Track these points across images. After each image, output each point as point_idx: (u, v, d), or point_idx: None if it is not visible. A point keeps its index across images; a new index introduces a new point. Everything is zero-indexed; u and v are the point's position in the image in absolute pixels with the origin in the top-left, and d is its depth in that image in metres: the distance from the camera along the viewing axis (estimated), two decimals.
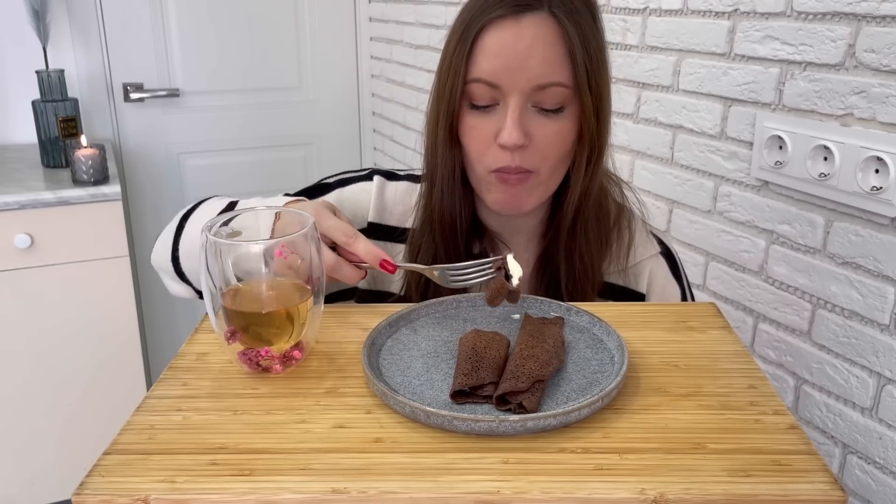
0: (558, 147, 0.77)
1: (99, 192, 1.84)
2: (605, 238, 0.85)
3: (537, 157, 0.76)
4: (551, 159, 0.77)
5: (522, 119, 0.74)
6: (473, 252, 0.86)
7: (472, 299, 0.72)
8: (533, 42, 0.72)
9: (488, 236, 0.87)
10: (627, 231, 0.87)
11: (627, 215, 0.87)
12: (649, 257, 0.87)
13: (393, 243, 0.89)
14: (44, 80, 2.00)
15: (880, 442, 1.03)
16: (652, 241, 0.89)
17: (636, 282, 0.87)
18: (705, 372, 0.60)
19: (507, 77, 0.73)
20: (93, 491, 0.46)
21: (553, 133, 0.76)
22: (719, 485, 0.46)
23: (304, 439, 0.51)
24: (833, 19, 1.02)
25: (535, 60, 0.73)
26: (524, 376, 0.55)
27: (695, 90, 1.27)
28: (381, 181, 0.90)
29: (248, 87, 2.53)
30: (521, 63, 0.73)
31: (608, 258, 0.86)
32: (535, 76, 0.73)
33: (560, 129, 0.76)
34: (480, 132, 0.77)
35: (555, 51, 0.73)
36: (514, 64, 0.73)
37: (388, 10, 2.45)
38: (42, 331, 1.87)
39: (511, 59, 0.73)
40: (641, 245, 0.87)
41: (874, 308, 1.01)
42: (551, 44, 0.73)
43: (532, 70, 0.73)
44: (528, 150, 0.76)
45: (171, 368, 0.62)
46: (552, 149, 0.76)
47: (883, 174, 0.96)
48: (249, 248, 0.61)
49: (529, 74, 0.73)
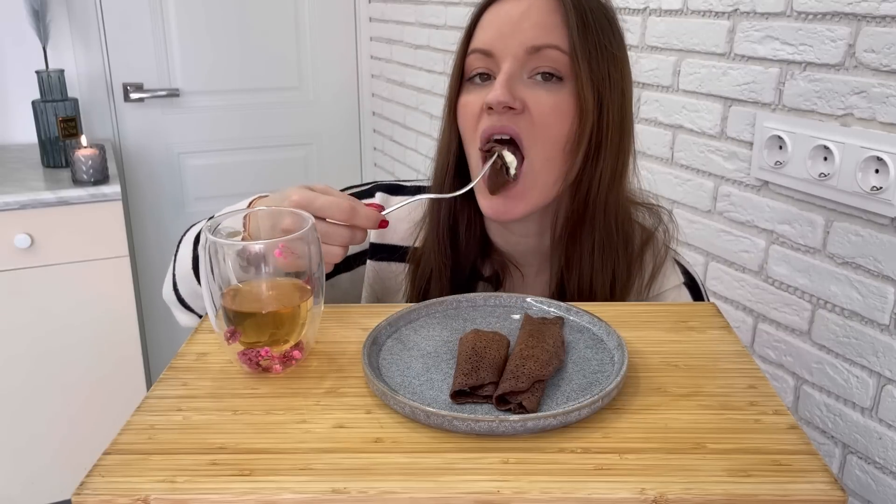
0: (554, 125, 0.72)
1: (99, 192, 1.84)
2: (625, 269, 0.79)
3: (530, 128, 0.72)
4: (545, 140, 0.72)
5: (513, 82, 0.71)
6: (484, 275, 0.83)
7: (472, 299, 0.72)
8: (528, 8, 0.72)
9: (499, 258, 0.82)
10: (653, 260, 0.81)
11: (654, 244, 0.82)
12: (672, 288, 0.82)
13: (397, 263, 0.85)
14: (44, 80, 2.00)
15: (880, 442, 1.03)
16: (676, 270, 0.83)
17: None
18: (705, 372, 0.60)
19: (500, 43, 0.72)
20: (93, 491, 0.46)
21: (549, 106, 0.71)
22: (719, 485, 0.46)
23: (304, 439, 0.51)
24: (833, 19, 1.02)
25: (528, 24, 0.72)
26: (524, 376, 0.55)
27: (695, 90, 1.27)
28: (383, 198, 0.86)
29: (249, 87, 2.53)
30: (513, 28, 0.72)
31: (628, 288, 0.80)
32: (528, 38, 0.71)
33: (557, 105, 0.72)
34: (472, 107, 0.74)
35: (551, 18, 0.72)
36: (508, 29, 0.72)
37: (388, 10, 2.45)
38: (42, 331, 1.87)
39: (505, 25, 0.72)
40: (664, 275, 0.81)
41: (874, 308, 1.01)
42: (547, 11, 0.72)
43: (525, 33, 0.71)
44: (521, 116, 0.72)
45: (171, 368, 0.62)
46: (546, 125, 0.72)
47: (883, 174, 0.96)
48: (250, 247, 0.61)
49: (522, 38, 0.71)
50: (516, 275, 0.83)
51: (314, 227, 0.61)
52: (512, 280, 0.83)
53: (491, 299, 0.72)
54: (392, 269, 0.86)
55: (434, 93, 2.18)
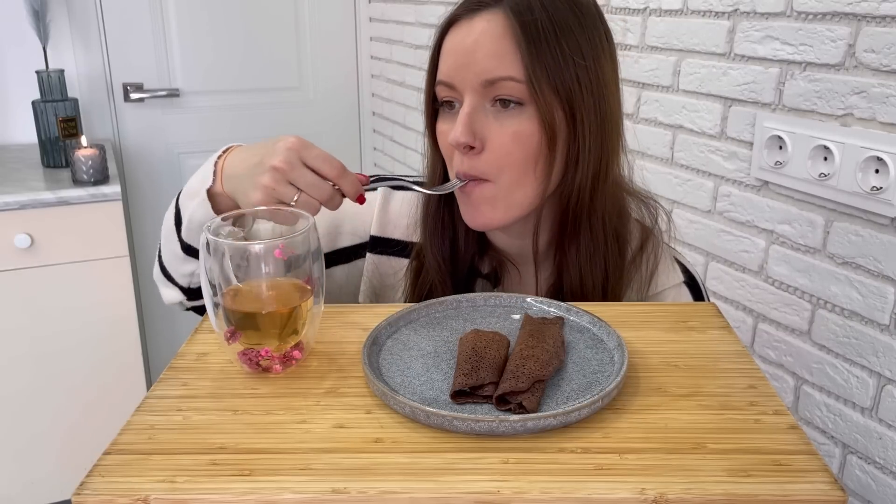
0: (516, 151, 0.71)
1: (99, 192, 1.84)
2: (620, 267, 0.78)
3: (491, 164, 0.72)
4: (510, 166, 0.72)
5: (475, 118, 0.72)
6: (483, 272, 0.83)
7: (472, 299, 0.72)
8: (480, 37, 0.71)
9: (496, 256, 0.83)
10: (652, 258, 0.80)
11: (653, 242, 0.81)
12: (672, 286, 0.81)
13: (397, 258, 0.86)
14: (44, 80, 2.00)
15: (880, 442, 1.03)
16: (676, 269, 0.82)
17: None
18: (705, 372, 0.60)
19: (458, 75, 0.72)
20: (93, 491, 0.46)
21: (509, 135, 0.71)
22: (719, 485, 0.46)
23: (304, 439, 0.51)
24: (833, 19, 1.02)
25: (482, 55, 0.71)
26: (524, 376, 0.55)
27: (695, 90, 1.27)
28: (385, 192, 0.87)
29: (249, 87, 2.53)
30: (468, 58, 0.71)
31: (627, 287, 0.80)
32: (482, 70, 0.71)
33: (518, 131, 0.71)
34: (445, 136, 0.75)
35: (502, 44, 0.70)
36: (464, 60, 0.72)
37: (388, 10, 2.45)
38: (42, 331, 1.87)
39: (460, 55, 0.72)
40: (664, 273, 0.81)
41: (874, 308, 1.01)
42: (498, 38, 0.70)
43: (479, 64, 0.71)
44: (481, 156, 0.72)
45: (171, 368, 0.62)
46: (509, 154, 0.72)
47: (883, 174, 0.96)
48: (249, 247, 0.61)
49: (477, 69, 0.71)
50: (513, 272, 0.83)
51: (315, 227, 0.61)
52: (510, 277, 0.83)
53: (491, 299, 0.72)
54: (391, 265, 0.86)
55: None
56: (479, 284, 0.83)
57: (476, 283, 0.83)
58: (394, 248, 0.86)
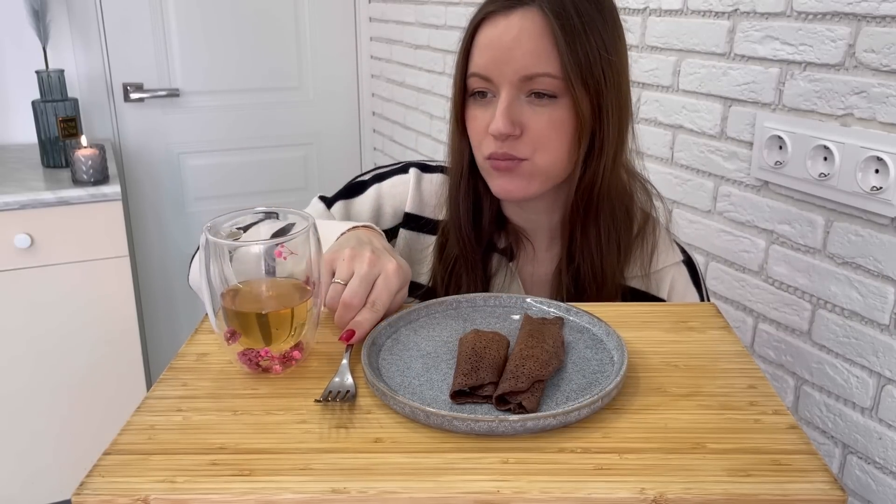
0: (552, 136, 0.78)
1: (99, 192, 1.83)
2: (628, 244, 0.85)
3: (529, 147, 0.78)
4: (546, 149, 0.78)
5: (513, 109, 0.77)
6: (499, 246, 0.88)
7: (472, 299, 0.72)
8: (519, 34, 0.75)
9: (512, 231, 0.89)
10: (652, 237, 0.87)
11: (652, 222, 0.88)
12: (672, 265, 0.88)
13: (426, 234, 0.91)
14: (44, 80, 2.00)
15: (880, 442, 1.03)
16: (675, 249, 0.89)
17: (658, 288, 0.87)
18: (705, 372, 0.60)
19: (496, 69, 0.77)
20: (93, 491, 0.46)
21: (546, 122, 0.77)
22: (719, 485, 0.46)
23: (304, 439, 0.51)
24: (833, 19, 1.02)
25: (521, 52, 0.75)
26: (524, 376, 0.55)
27: (695, 90, 1.27)
28: (417, 173, 0.93)
29: (248, 87, 2.53)
30: (507, 55, 0.76)
31: (630, 263, 0.86)
32: (522, 67, 0.76)
33: (553, 119, 0.77)
34: (479, 122, 0.80)
35: (541, 42, 0.75)
36: (502, 56, 0.76)
37: (388, 10, 2.45)
38: (42, 331, 1.87)
39: (499, 51, 0.76)
40: (664, 252, 0.88)
41: (874, 308, 1.01)
42: (537, 36, 0.75)
43: (518, 61, 0.76)
44: (520, 140, 0.78)
45: (171, 368, 0.62)
46: (546, 138, 0.78)
47: (883, 174, 0.96)
48: (249, 248, 0.61)
49: (516, 66, 0.76)
50: (528, 247, 0.89)
51: (315, 228, 0.61)
52: (525, 252, 0.89)
53: (491, 299, 0.72)
54: (420, 241, 0.92)
55: (434, 93, 2.18)
56: (496, 259, 0.88)
57: (492, 258, 0.88)
58: (424, 226, 0.91)
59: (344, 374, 0.59)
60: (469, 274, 0.86)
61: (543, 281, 0.89)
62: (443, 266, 0.88)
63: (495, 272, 0.88)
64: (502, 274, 0.88)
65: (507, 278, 0.88)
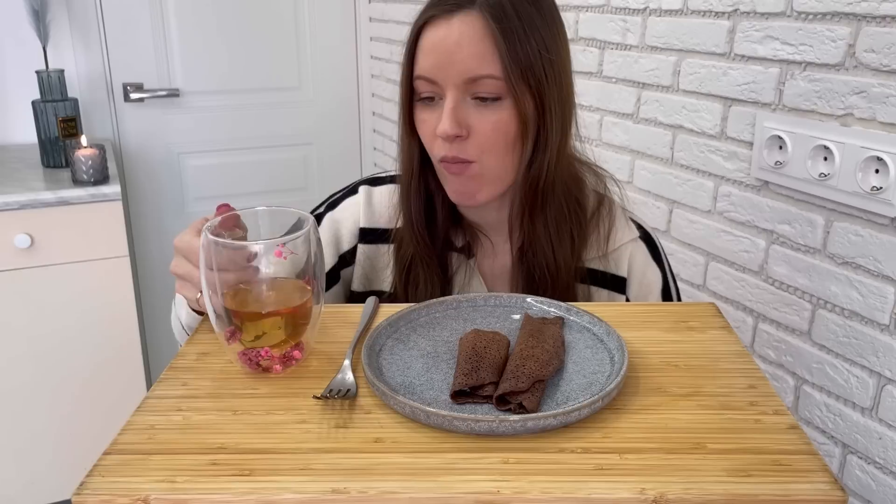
0: (497, 138, 0.79)
1: (99, 192, 1.83)
2: (583, 229, 0.87)
3: (476, 148, 0.79)
4: (492, 150, 0.80)
5: (458, 110, 0.78)
6: (457, 245, 0.89)
7: (472, 299, 0.72)
8: (460, 38, 0.77)
9: (468, 227, 0.90)
10: (608, 218, 0.88)
11: (607, 204, 0.89)
12: (628, 242, 0.89)
13: (384, 244, 0.92)
14: (44, 80, 2.00)
15: (880, 442, 1.03)
16: (631, 226, 0.90)
17: (616, 266, 0.89)
18: (705, 372, 0.60)
19: (440, 72, 0.78)
20: (93, 491, 0.46)
21: (490, 124, 0.78)
22: (719, 485, 0.46)
23: (304, 439, 0.51)
24: (833, 19, 1.02)
25: (463, 55, 0.77)
26: (524, 376, 0.55)
27: (695, 90, 1.27)
28: (367, 189, 0.93)
29: (248, 87, 2.53)
30: (450, 58, 0.77)
31: (587, 246, 0.88)
32: (465, 69, 0.77)
33: (498, 120, 0.78)
34: (428, 125, 0.81)
35: (482, 45, 0.76)
36: (445, 59, 0.78)
37: (388, 10, 2.45)
38: (42, 331, 1.87)
39: (442, 55, 0.78)
40: (620, 230, 0.89)
41: (874, 308, 1.01)
42: (478, 39, 0.76)
43: (461, 64, 0.77)
44: (467, 142, 0.79)
45: (171, 368, 0.62)
46: (491, 140, 0.79)
47: (883, 174, 0.96)
48: (249, 247, 0.61)
49: (459, 68, 0.77)
50: (486, 243, 0.90)
51: (315, 228, 0.61)
52: (482, 248, 0.91)
53: (491, 299, 0.72)
54: (380, 250, 0.93)
55: None
56: (455, 258, 0.89)
57: (451, 256, 0.89)
58: (381, 237, 0.92)
59: (346, 372, 0.59)
60: (425, 272, 0.87)
61: (503, 273, 0.90)
62: (398, 267, 0.89)
63: (456, 270, 0.89)
64: (462, 271, 0.89)
65: (467, 275, 0.89)
